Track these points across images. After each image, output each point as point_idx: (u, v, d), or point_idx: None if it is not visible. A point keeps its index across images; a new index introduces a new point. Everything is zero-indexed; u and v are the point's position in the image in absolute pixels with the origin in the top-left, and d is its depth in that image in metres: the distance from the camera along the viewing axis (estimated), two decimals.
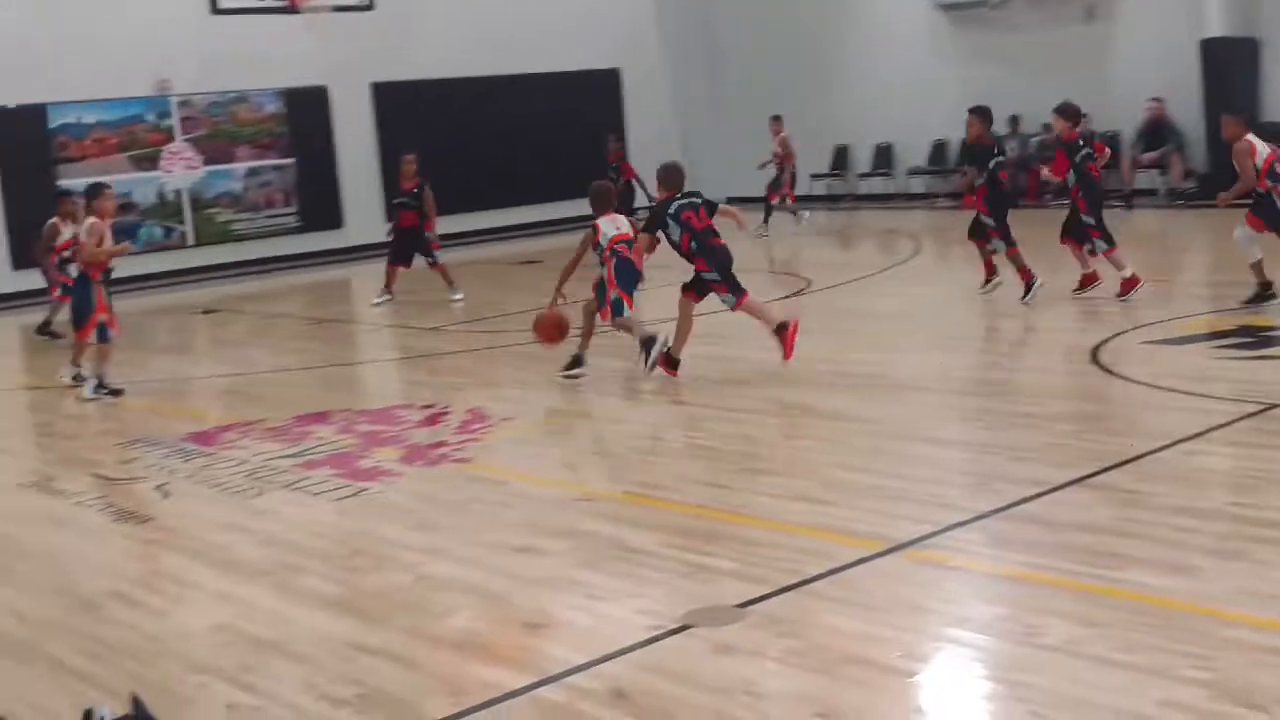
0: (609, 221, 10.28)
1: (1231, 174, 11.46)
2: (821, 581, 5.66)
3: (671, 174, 10.28)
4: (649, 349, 9.93)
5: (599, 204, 10.44)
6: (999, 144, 13.00)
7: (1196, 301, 12.38)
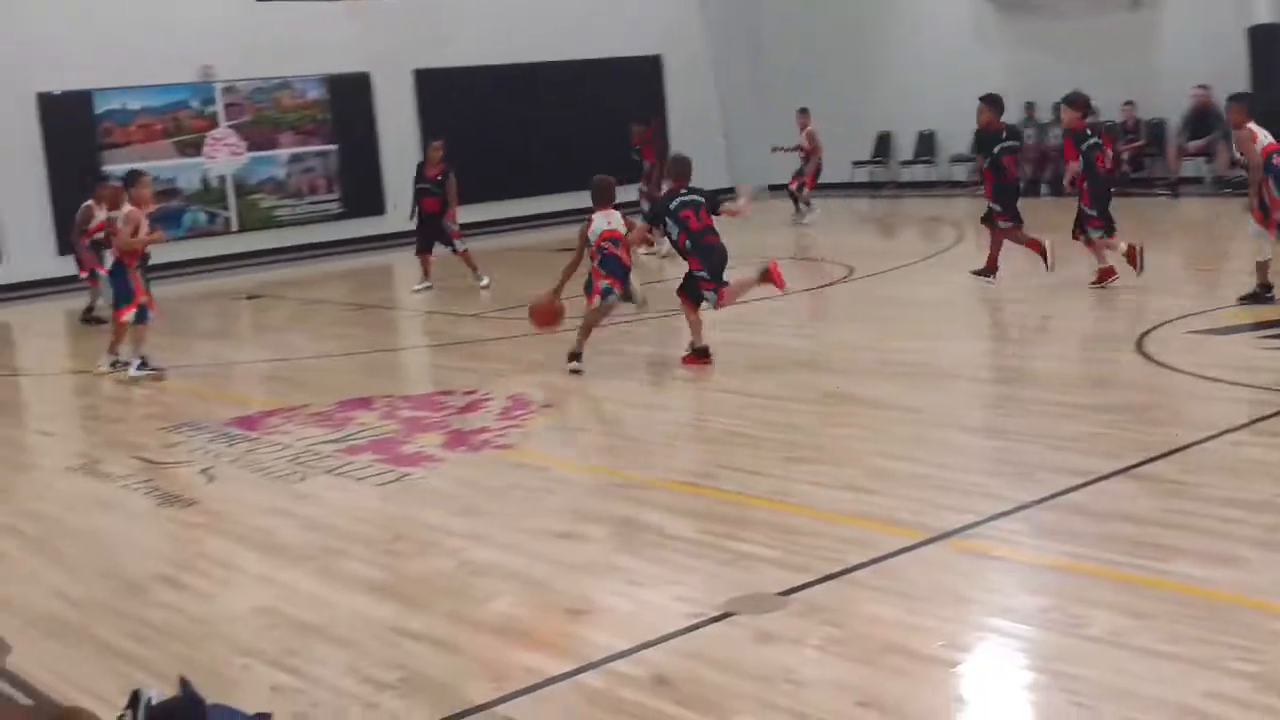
0: (603, 216, 10.34)
1: None
2: (863, 570, 5.66)
3: (680, 166, 10.50)
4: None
5: (599, 198, 10.48)
6: (1010, 130, 13.22)
7: (1242, 291, 12.23)
